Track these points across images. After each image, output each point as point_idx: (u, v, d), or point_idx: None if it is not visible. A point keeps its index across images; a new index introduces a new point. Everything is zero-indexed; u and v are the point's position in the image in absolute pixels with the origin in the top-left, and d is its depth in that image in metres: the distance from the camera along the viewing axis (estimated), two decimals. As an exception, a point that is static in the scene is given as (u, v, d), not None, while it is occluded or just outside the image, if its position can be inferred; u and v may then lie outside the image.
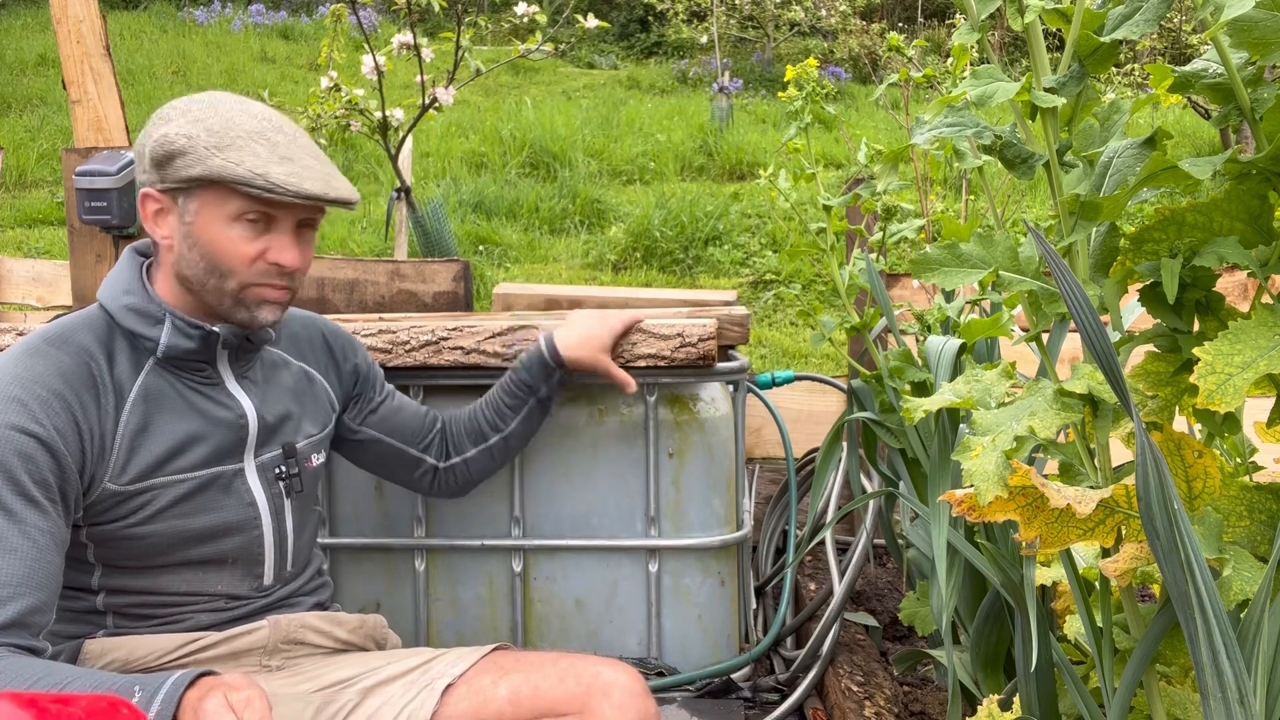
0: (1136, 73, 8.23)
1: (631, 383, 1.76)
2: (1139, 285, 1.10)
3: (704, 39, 12.10)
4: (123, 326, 1.33)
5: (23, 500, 1.17)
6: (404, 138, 3.61)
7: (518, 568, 1.94)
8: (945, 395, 1.17)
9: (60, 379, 1.25)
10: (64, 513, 1.22)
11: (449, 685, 1.36)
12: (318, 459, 1.52)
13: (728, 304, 2.27)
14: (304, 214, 1.34)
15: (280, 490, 1.44)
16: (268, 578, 1.43)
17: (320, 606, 1.52)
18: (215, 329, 1.35)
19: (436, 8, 3.43)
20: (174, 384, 1.35)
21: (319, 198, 1.29)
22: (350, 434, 1.64)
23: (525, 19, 3.58)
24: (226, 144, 1.28)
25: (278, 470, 1.44)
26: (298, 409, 1.50)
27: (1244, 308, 1.07)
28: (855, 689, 1.83)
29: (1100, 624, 1.17)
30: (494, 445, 1.74)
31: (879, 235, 2.09)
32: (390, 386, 1.71)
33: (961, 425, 1.65)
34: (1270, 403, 1.09)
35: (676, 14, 12.30)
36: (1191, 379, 0.94)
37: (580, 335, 1.74)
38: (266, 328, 1.37)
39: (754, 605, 2.29)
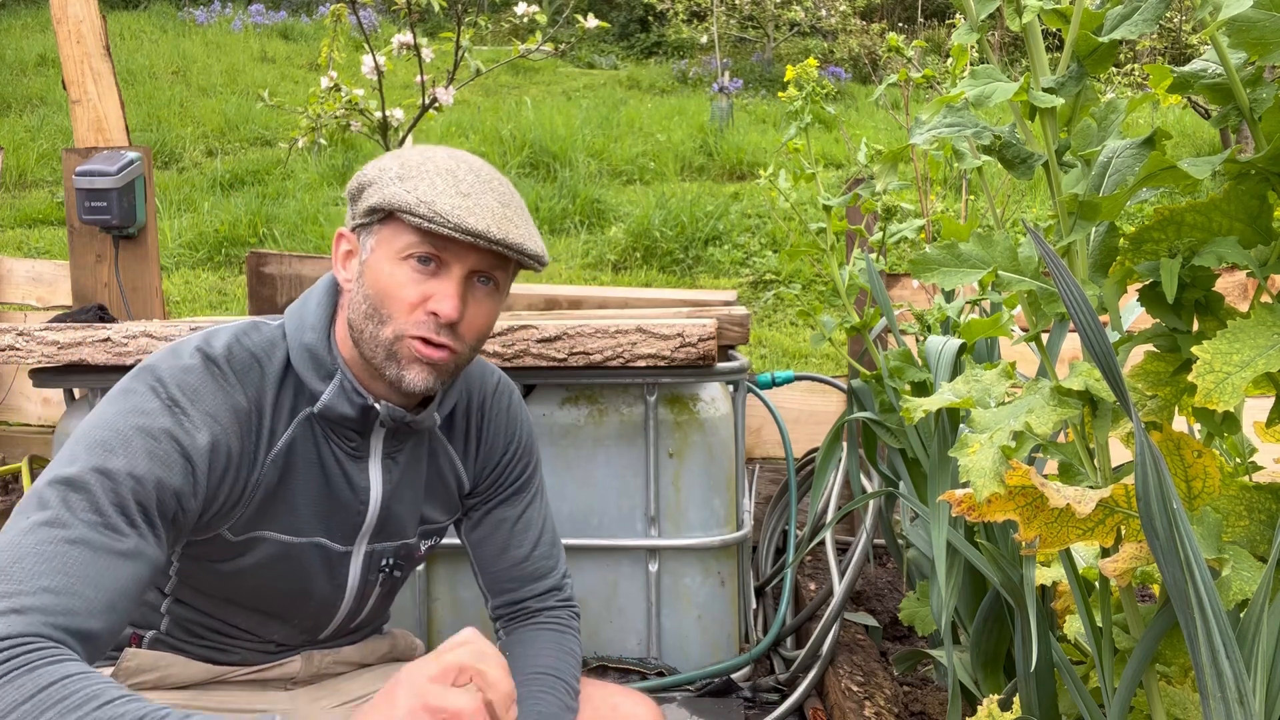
0: (1136, 73, 8.24)
1: None
2: (1138, 285, 1.10)
3: (704, 39, 12.10)
4: (295, 368, 1.22)
5: (148, 523, 1.06)
6: (404, 138, 3.61)
7: (518, 568, 1.94)
8: (945, 395, 1.17)
9: (233, 418, 1.16)
10: (172, 546, 1.12)
11: None
12: (427, 545, 1.41)
13: (728, 304, 2.28)
14: (479, 263, 1.18)
15: (376, 579, 1.35)
16: (325, 634, 1.38)
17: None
18: (376, 406, 1.23)
19: (436, 8, 3.43)
20: (319, 444, 1.24)
21: (481, 234, 1.13)
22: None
23: (525, 19, 3.58)
24: (411, 175, 1.17)
25: (384, 563, 1.34)
26: (427, 496, 1.37)
27: (1243, 308, 1.08)
28: (855, 689, 1.83)
29: (1100, 624, 1.17)
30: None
31: (879, 235, 2.09)
32: (524, 503, 1.45)
33: (961, 425, 1.65)
34: (1269, 402, 1.09)
35: (676, 14, 12.31)
36: (1190, 378, 0.95)
37: None
38: (416, 393, 1.20)
39: (754, 605, 2.29)
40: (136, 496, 1.05)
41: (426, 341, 1.17)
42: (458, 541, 1.92)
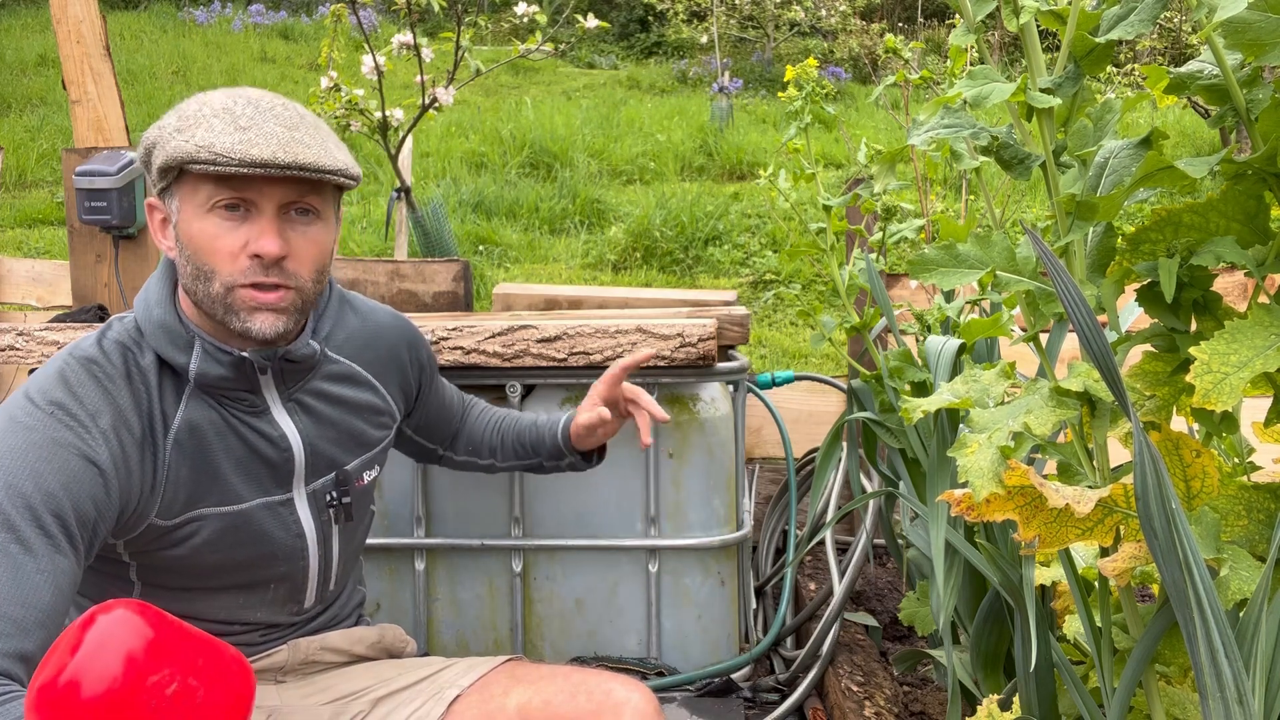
0: (1136, 73, 8.23)
1: (659, 413, 1.53)
2: (1136, 285, 1.10)
3: (704, 39, 12.10)
4: (155, 349, 1.22)
5: (65, 534, 1.06)
6: (404, 138, 3.61)
7: (518, 568, 1.94)
8: (944, 395, 1.17)
9: (119, 408, 1.17)
10: (88, 556, 1.11)
11: (457, 696, 1.35)
12: (370, 475, 1.43)
13: (728, 304, 2.28)
14: (288, 195, 1.17)
15: (329, 517, 1.36)
16: (309, 601, 1.39)
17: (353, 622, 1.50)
18: (245, 354, 1.22)
19: (436, 8, 3.43)
20: (219, 411, 1.24)
21: (268, 162, 1.11)
22: None
23: (525, 19, 3.58)
24: (189, 125, 1.15)
25: (328, 497, 1.35)
26: (356, 424, 1.39)
27: (1242, 307, 1.08)
28: (855, 689, 1.83)
29: (1099, 624, 1.17)
30: (484, 464, 1.72)
31: (879, 235, 2.09)
32: (438, 381, 1.61)
33: (961, 425, 1.65)
34: (1268, 402, 1.09)
35: (676, 14, 12.30)
36: (1188, 378, 0.95)
37: (582, 406, 1.61)
38: (270, 338, 1.20)
39: (754, 605, 2.29)
40: (50, 508, 1.05)
41: (258, 286, 1.17)
42: (456, 541, 1.93)
